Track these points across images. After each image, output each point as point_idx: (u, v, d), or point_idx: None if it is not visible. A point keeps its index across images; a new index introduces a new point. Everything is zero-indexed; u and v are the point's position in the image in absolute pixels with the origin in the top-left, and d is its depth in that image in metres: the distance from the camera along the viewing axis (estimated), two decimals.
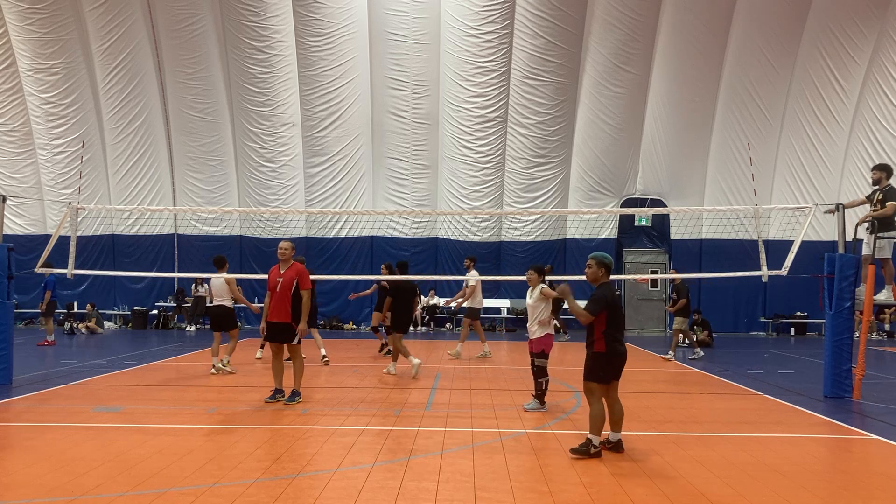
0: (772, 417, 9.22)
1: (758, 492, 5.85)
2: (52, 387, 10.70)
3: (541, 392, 9.32)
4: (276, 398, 9.57)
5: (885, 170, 10.85)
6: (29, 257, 19.59)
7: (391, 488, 5.82)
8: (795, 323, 23.64)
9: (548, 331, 9.33)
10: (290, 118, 22.95)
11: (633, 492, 5.78)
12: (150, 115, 23.28)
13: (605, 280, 7.18)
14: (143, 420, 8.50)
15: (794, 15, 21.87)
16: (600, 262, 7.21)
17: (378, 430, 7.99)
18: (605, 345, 6.93)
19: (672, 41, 22.02)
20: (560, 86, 22.31)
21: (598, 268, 7.19)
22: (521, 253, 23.41)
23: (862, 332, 10.95)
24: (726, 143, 22.91)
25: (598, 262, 7.21)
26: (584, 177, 23.30)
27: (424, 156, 23.21)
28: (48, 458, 6.56)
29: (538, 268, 9.56)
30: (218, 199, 23.55)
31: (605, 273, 7.20)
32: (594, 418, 6.91)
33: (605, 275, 7.19)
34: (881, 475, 6.61)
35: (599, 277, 7.17)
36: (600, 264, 7.20)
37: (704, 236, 22.92)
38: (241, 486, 5.79)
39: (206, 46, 22.48)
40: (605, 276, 7.19)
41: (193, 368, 13.61)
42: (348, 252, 23.44)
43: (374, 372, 12.94)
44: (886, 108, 22.00)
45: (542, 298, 9.28)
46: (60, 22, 22.41)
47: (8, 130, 23.67)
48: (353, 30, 22.24)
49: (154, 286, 23.99)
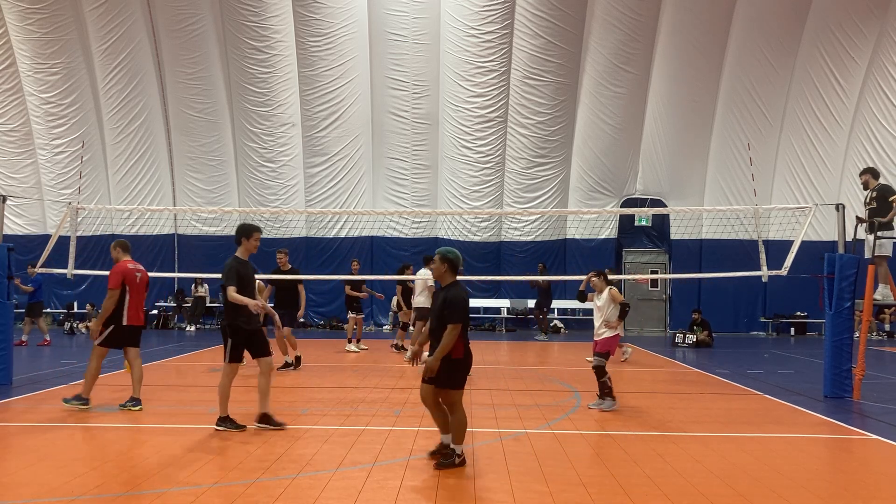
0: (772, 417, 9.22)
1: (758, 492, 5.85)
2: (52, 387, 10.70)
3: (608, 390, 9.35)
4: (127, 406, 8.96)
5: (870, 172, 11.36)
6: (29, 257, 19.54)
7: (391, 488, 5.82)
8: (795, 323, 23.63)
9: (616, 332, 9.46)
10: (290, 118, 22.95)
11: (633, 492, 5.78)
12: (150, 115, 23.27)
13: (452, 279, 6.52)
14: (143, 420, 8.50)
15: (794, 15, 21.87)
16: (443, 258, 6.50)
17: (378, 430, 7.99)
18: (462, 350, 6.36)
19: (672, 41, 22.02)
20: (560, 86, 22.31)
21: (441, 263, 6.49)
22: (521, 253, 23.41)
23: (862, 332, 10.96)
24: (726, 143, 22.90)
25: (441, 258, 6.52)
26: (584, 177, 23.30)
27: (424, 156, 23.20)
28: (48, 458, 6.56)
29: (601, 272, 9.72)
30: (218, 199, 23.55)
31: (449, 270, 6.50)
32: (460, 425, 6.40)
33: (448, 272, 6.50)
34: (881, 475, 6.61)
35: (444, 274, 6.50)
36: (443, 259, 6.49)
37: (704, 236, 22.91)
38: (241, 486, 5.79)
39: (206, 46, 22.48)
40: (448, 273, 6.50)
41: (193, 368, 13.62)
42: (348, 252, 23.39)
43: (374, 372, 12.94)
44: (886, 108, 21.99)
45: (610, 300, 9.39)
46: (60, 22, 22.40)
47: (8, 130, 23.66)
48: (353, 30, 22.23)
49: (154, 286, 23.95)
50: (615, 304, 9.39)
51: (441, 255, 6.54)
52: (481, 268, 22.60)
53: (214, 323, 23.75)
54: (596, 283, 9.62)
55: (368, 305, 23.97)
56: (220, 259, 25.10)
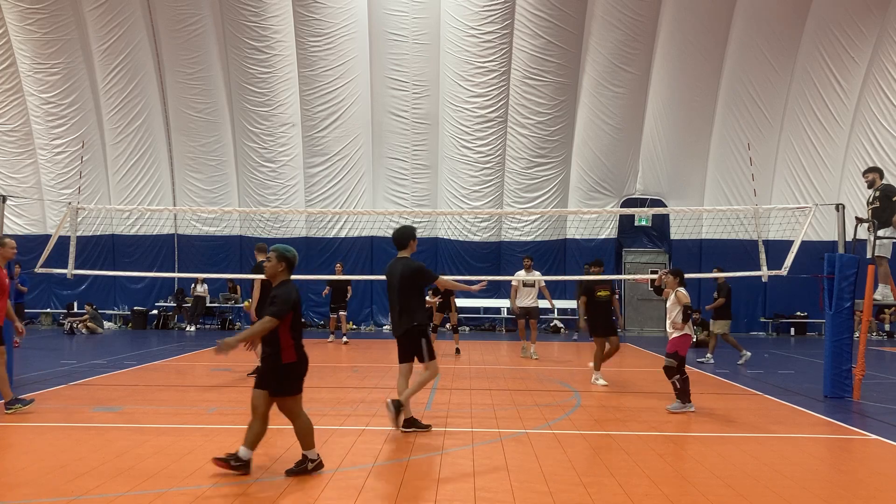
0: (772, 417, 9.22)
1: (758, 492, 5.85)
2: (52, 387, 10.69)
3: (679, 391, 9.30)
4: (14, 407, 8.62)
5: (877, 171, 11.27)
6: (29, 257, 19.54)
7: (391, 488, 5.82)
8: (795, 323, 23.64)
9: (684, 332, 9.36)
10: (290, 118, 22.95)
11: (632, 492, 5.78)
12: (150, 115, 23.28)
13: (286, 277, 6.26)
14: (143, 420, 8.50)
15: (794, 15, 21.88)
16: (281, 256, 6.25)
17: (378, 430, 7.98)
18: (295, 353, 6.09)
19: (672, 41, 22.02)
20: (560, 86, 22.31)
21: (277, 261, 6.24)
22: (521, 253, 23.29)
23: (862, 332, 10.95)
24: (726, 143, 22.91)
25: (278, 256, 6.25)
26: (584, 177, 23.30)
27: (424, 156, 23.20)
28: (48, 458, 6.56)
29: (677, 271, 9.69)
30: (218, 199, 23.55)
31: (286, 269, 6.27)
32: (305, 430, 6.17)
33: (284, 270, 6.25)
34: (881, 475, 6.61)
35: (278, 273, 6.24)
36: (280, 258, 6.24)
37: (704, 236, 22.93)
38: (240, 486, 5.79)
39: (206, 46, 22.49)
40: (284, 272, 6.26)
41: (193, 368, 13.62)
42: (348, 252, 23.43)
43: (374, 372, 12.94)
44: (886, 108, 21.99)
45: (676, 303, 9.36)
46: (60, 22, 22.40)
47: (8, 130, 23.66)
48: (353, 30, 22.24)
49: (154, 286, 23.98)
50: (680, 306, 9.32)
51: (279, 253, 6.26)
52: (481, 268, 22.60)
53: (214, 323, 23.76)
54: (669, 282, 9.58)
55: (368, 306, 24.03)
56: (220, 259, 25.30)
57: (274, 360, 6.04)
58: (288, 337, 6.05)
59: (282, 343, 6.02)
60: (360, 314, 23.78)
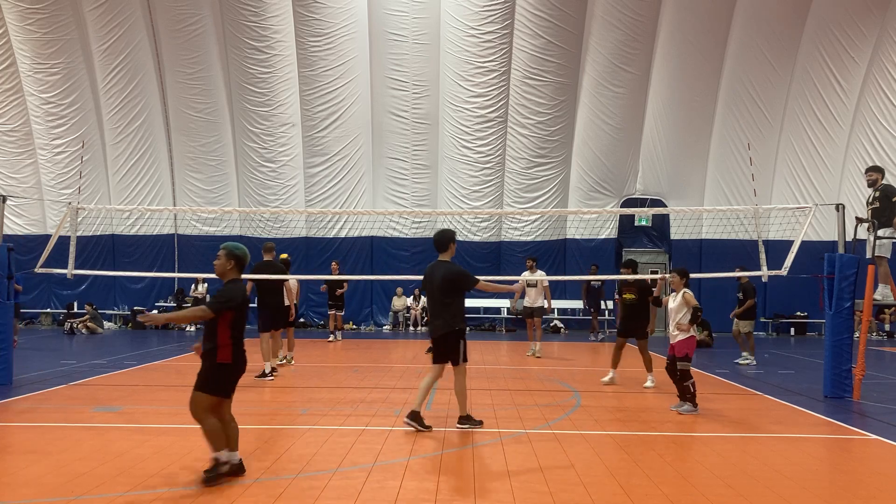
0: (772, 417, 9.22)
1: (758, 492, 5.85)
2: (52, 387, 10.69)
3: (690, 395, 9.23)
4: None
5: (879, 170, 11.25)
6: (29, 257, 19.56)
7: (391, 488, 5.82)
8: (795, 323, 23.62)
9: (690, 334, 9.27)
10: (290, 118, 22.94)
11: (633, 492, 5.78)
12: (150, 115, 23.27)
13: (235, 276, 6.17)
14: (143, 420, 8.50)
15: (794, 15, 21.86)
16: (230, 254, 6.15)
17: (378, 430, 7.99)
18: (231, 354, 5.99)
19: (672, 41, 22.01)
20: (560, 86, 22.30)
21: (226, 259, 6.13)
22: (521, 253, 23.35)
23: (862, 332, 10.95)
24: (726, 143, 22.90)
25: (227, 254, 6.15)
26: (584, 177, 23.29)
27: (424, 156, 23.20)
28: (48, 458, 6.56)
29: (682, 271, 9.58)
30: (218, 199, 23.54)
31: (235, 267, 6.17)
32: (214, 433, 5.93)
33: (233, 269, 6.16)
34: (881, 475, 6.61)
35: (227, 271, 6.15)
36: (230, 255, 6.14)
37: (704, 236, 22.91)
38: (241, 486, 5.79)
39: (206, 46, 22.48)
40: (234, 270, 6.16)
41: (193, 368, 13.60)
42: (348, 252, 23.41)
43: (373, 372, 12.94)
44: (886, 108, 21.98)
45: (683, 303, 9.26)
46: (60, 22, 22.39)
47: (8, 130, 23.65)
48: (353, 30, 22.22)
49: (154, 286, 23.97)
50: (688, 308, 9.21)
51: (228, 251, 6.18)
52: (481, 268, 22.56)
53: None
54: (675, 283, 9.49)
55: (368, 306, 24.03)
56: None
57: (211, 357, 6.01)
58: (226, 336, 5.97)
59: (219, 341, 5.97)
60: (360, 314, 23.78)
